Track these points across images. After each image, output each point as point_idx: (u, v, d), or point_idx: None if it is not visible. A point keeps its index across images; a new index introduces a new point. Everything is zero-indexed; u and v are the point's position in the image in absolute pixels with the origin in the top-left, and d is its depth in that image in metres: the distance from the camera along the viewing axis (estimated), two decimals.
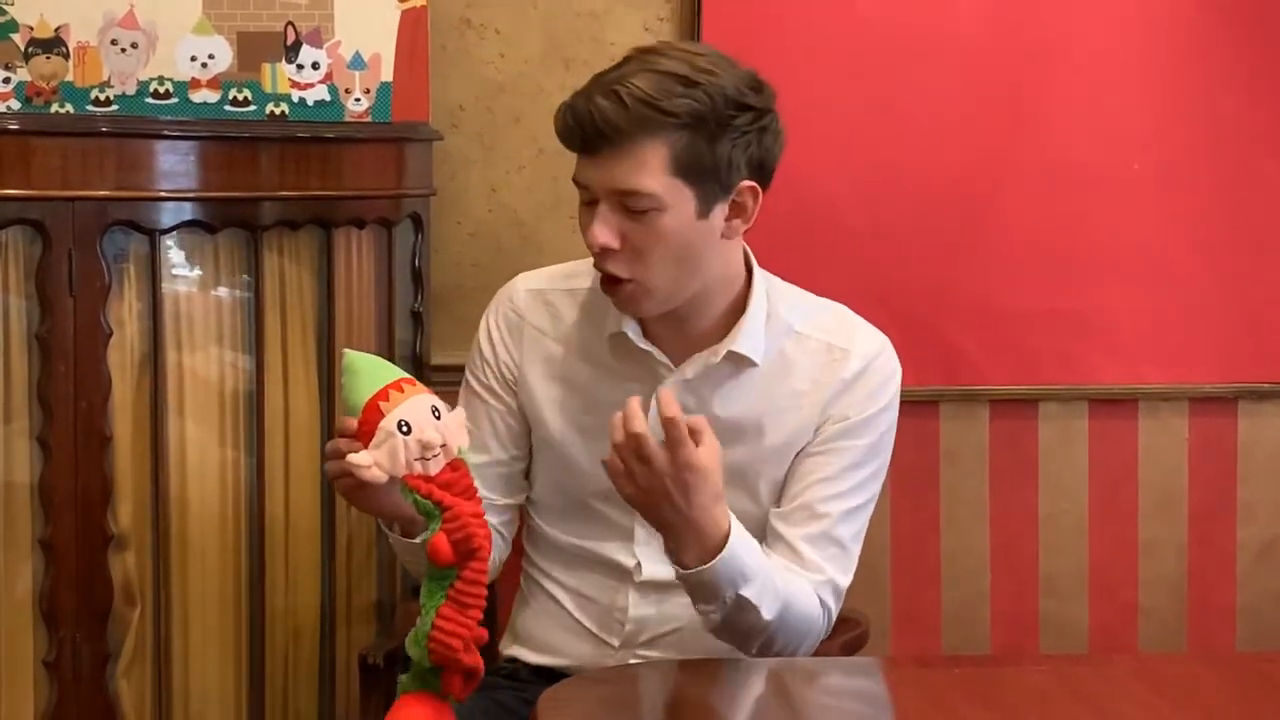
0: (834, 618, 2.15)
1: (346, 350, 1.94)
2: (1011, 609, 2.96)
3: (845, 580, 2.14)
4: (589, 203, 2.06)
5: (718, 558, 1.96)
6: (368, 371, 1.90)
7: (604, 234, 2.03)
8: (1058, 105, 2.88)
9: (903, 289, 2.87)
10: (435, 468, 1.89)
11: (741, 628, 2.02)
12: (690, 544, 1.97)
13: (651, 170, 2.01)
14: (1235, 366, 2.94)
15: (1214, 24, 2.87)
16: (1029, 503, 2.95)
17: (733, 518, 2.00)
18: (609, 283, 2.07)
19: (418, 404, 1.89)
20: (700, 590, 2.00)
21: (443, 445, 1.89)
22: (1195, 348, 2.93)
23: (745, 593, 1.98)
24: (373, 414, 1.88)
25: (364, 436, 1.88)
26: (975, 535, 2.94)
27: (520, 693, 2.16)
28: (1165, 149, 2.89)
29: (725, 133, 2.02)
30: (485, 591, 1.88)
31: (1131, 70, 2.88)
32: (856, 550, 2.16)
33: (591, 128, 2.00)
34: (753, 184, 2.07)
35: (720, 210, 2.06)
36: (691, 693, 1.95)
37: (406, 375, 1.92)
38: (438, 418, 1.88)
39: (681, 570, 1.99)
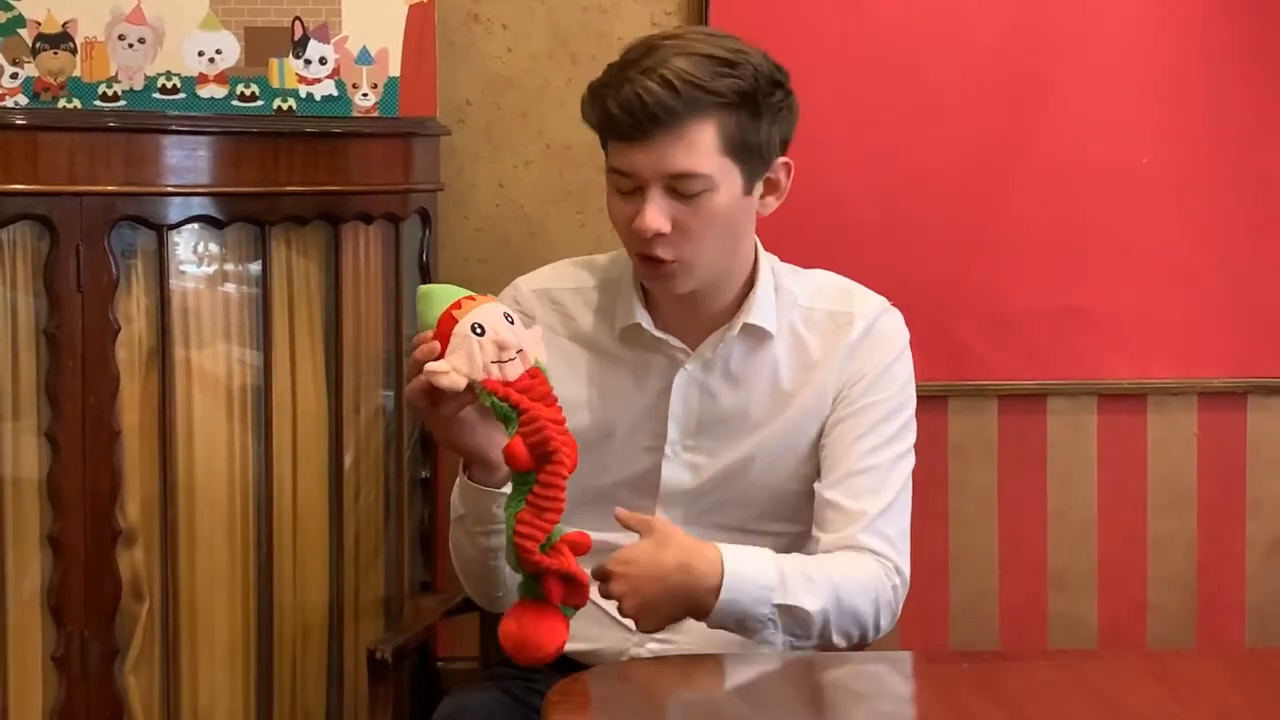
0: (904, 571, 2.14)
1: (421, 285, 1.99)
2: (1020, 604, 2.95)
3: (900, 532, 2.15)
4: (629, 190, 2.05)
5: (723, 586, 1.98)
6: (440, 293, 1.94)
7: (657, 219, 2.03)
8: (1066, 99, 2.87)
9: (911, 284, 2.84)
10: (513, 372, 1.89)
11: (801, 631, 2.03)
12: (701, 594, 1.99)
13: (704, 151, 2.02)
14: (1245, 361, 2.93)
15: (1224, 18, 2.87)
16: (1038, 498, 2.94)
17: (724, 548, 2.01)
18: (651, 263, 2.07)
19: (490, 309, 1.91)
20: (740, 624, 2.01)
21: (519, 351, 1.89)
22: (1204, 342, 2.92)
23: (781, 600, 2.00)
24: (447, 323, 1.90)
25: (441, 348, 1.90)
26: (984, 530, 2.94)
27: (533, 684, 2.17)
28: (1174, 143, 2.89)
29: (765, 110, 2.06)
30: (563, 495, 1.89)
31: (1140, 65, 2.88)
32: (907, 506, 2.17)
33: (643, 112, 2.00)
34: (787, 160, 2.11)
35: (758, 187, 2.10)
36: (700, 687, 1.95)
37: (479, 293, 1.94)
38: (511, 323, 1.90)
39: (710, 618, 2.01)
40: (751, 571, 2.00)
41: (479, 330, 1.88)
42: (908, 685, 2.00)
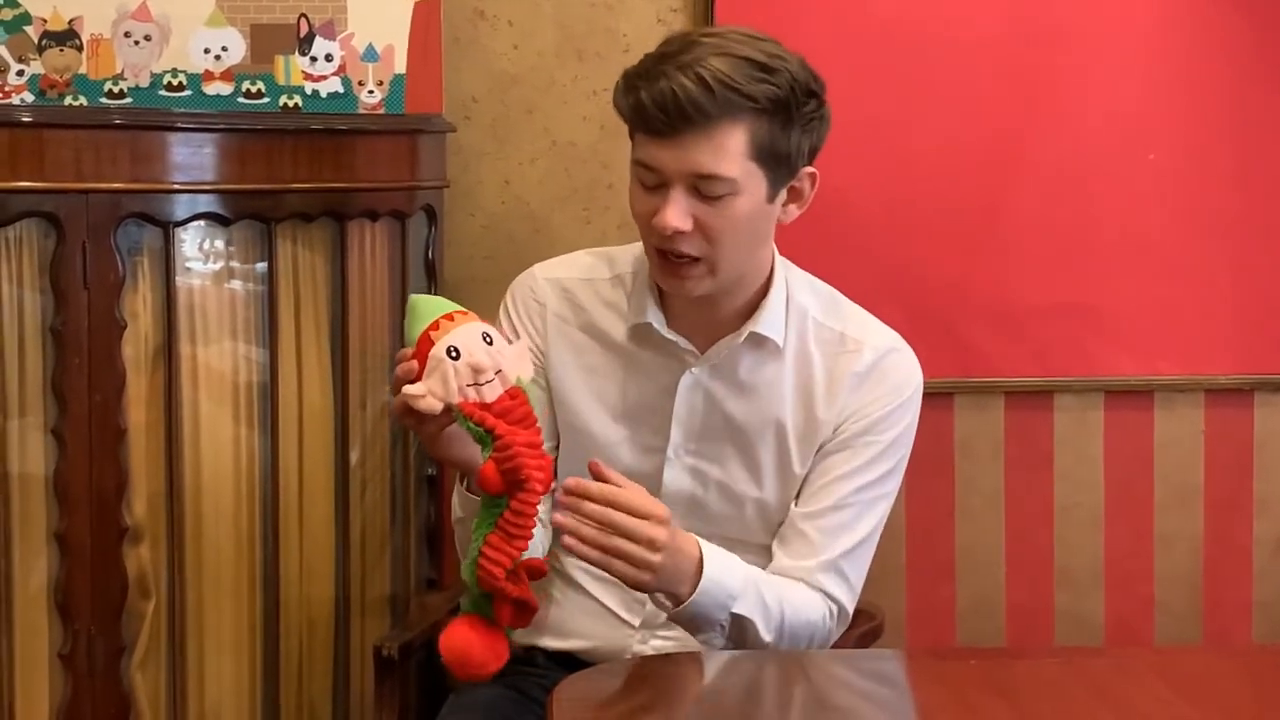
0: (848, 613, 2.15)
1: (412, 294, 1.98)
2: (1026, 602, 2.95)
3: (858, 574, 2.16)
4: (653, 185, 2.04)
5: (700, 583, 2.00)
6: (424, 309, 1.94)
7: (677, 218, 2.02)
8: (1072, 96, 2.87)
9: (917, 281, 2.87)
10: (491, 394, 1.89)
11: (741, 642, 2.05)
12: (680, 578, 2.01)
13: (731, 154, 2.01)
14: (1251, 358, 2.93)
15: (1230, 13, 2.86)
16: (1044, 495, 2.94)
17: (703, 546, 2.03)
18: (674, 261, 2.06)
19: (468, 330, 1.90)
20: (695, 622, 2.03)
21: (498, 372, 1.89)
22: (1211, 339, 2.92)
23: (738, 609, 2.03)
24: (425, 345, 1.90)
25: (420, 370, 1.90)
26: (990, 528, 2.94)
27: (539, 679, 2.17)
28: (1181, 140, 2.88)
29: (797, 119, 2.05)
30: (533, 523, 1.89)
31: (1146, 61, 2.87)
32: (873, 546, 2.18)
33: (675, 109, 1.99)
34: (813, 170, 2.11)
35: (782, 195, 2.09)
36: (707, 684, 1.95)
37: (462, 309, 1.93)
38: (489, 344, 1.89)
39: (675, 608, 2.02)
40: (722, 576, 2.02)
41: (454, 354, 1.88)
42: (914, 682, 1.99)
